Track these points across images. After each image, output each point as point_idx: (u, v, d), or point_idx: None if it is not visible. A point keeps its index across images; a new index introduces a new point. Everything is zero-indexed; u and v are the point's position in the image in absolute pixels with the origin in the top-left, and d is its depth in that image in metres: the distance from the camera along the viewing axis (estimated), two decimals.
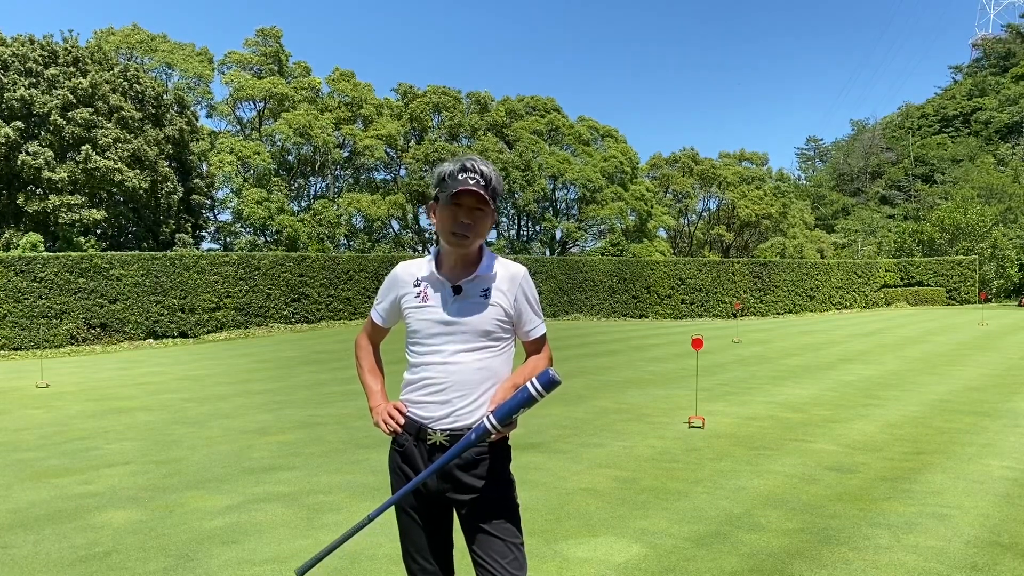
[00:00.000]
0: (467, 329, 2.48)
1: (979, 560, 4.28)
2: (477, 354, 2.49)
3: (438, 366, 2.49)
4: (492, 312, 2.49)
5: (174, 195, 29.84)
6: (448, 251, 2.52)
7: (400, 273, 2.63)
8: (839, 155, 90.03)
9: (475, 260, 2.54)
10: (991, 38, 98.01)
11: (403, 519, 2.59)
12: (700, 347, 8.73)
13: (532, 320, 2.58)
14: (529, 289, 2.57)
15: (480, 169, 2.43)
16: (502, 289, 2.51)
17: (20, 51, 26.60)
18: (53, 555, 4.53)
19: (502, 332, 2.52)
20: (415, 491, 2.51)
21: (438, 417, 2.48)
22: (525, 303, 2.55)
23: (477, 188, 2.40)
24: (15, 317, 19.87)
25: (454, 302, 2.49)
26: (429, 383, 2.50)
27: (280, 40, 43.53)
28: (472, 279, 2.49)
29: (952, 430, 7.97)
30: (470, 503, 2.49)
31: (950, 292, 37.21)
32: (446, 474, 2.48)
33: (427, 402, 2.51)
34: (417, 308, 2.54)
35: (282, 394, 11.25)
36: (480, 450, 2.49)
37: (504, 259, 2.59)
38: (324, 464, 6.71)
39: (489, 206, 2.46)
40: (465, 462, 2.48)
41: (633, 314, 31.82)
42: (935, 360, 14.71)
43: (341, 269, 27.05)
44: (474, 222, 2.45)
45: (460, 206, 2.43)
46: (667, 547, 4.53)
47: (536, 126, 46.18)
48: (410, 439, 2.53)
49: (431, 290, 2.53)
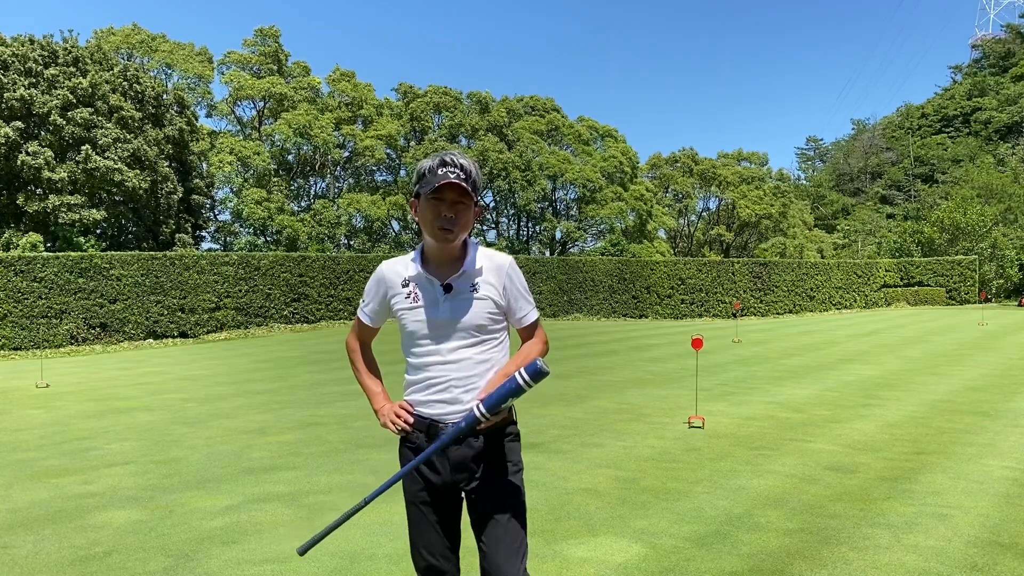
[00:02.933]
0: (462, 326, 2.49)
1: (979, 560, 4.28)
2: (475, 348, 2.51)
3: (439, 365, 2.51)
4: (483, 306, 2.51)
5: (174, 195, 29.84)
6: (433, 247, 2.53)
7: (386, 272, 2.62)
8: (839, 155, 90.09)
9: (460, 255, 2.55)
10: (991, 38, 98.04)
11: (413, 512, 2.59)
12: (700, 347, 8.73)
13: (523, 307, 2.60)
14: (517, 277, 2.58)
15: (459, 163, 2.45)
16: (490, 281, 2.53)
17: (20, 51, 26.60)
18: (53, 555, 4.53)
19: (495, 324, 2.55)
20: (426, 484, 2.53)
21: (447, 413, 2.50)
22: (514, 291, 2.57)
23: (458, 181, 2.42)
24: (15, 317, 19.87)
25: (446, 301, 2.50)
26: (432, 382, 2.52)
27: (279, 40, 43.53)
28: (460, 275, 2.51)
29: (952, 430, 7.97)
30: (481, 490, 2.51)
31: (950, 292, 37.21)
32: (460, 464, 2.51)
33: (433, 401, 2.53)
34: (409, 309, 2.54)
35: (282, 394, 11.25)
36: (495, 438, 2.53)
37: (488, 249, 2.61)
38: (324, 464, 6.71)
39: (471, 198, 2.48)
40: (477, 451, 2.50)
41: (633, 314, 31.82)
42: (935, 360, 14.71)
43: (341, 269, 27.06)
44: (457, 215, 2.46)
45: (442, 200, 2.45)
46: (667, 547, 4.53)
47: (536, 126, 46.18)
48: (421, 436, 2.54)
49: (421, 290, 2.54)
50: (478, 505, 2.53)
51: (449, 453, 2.49)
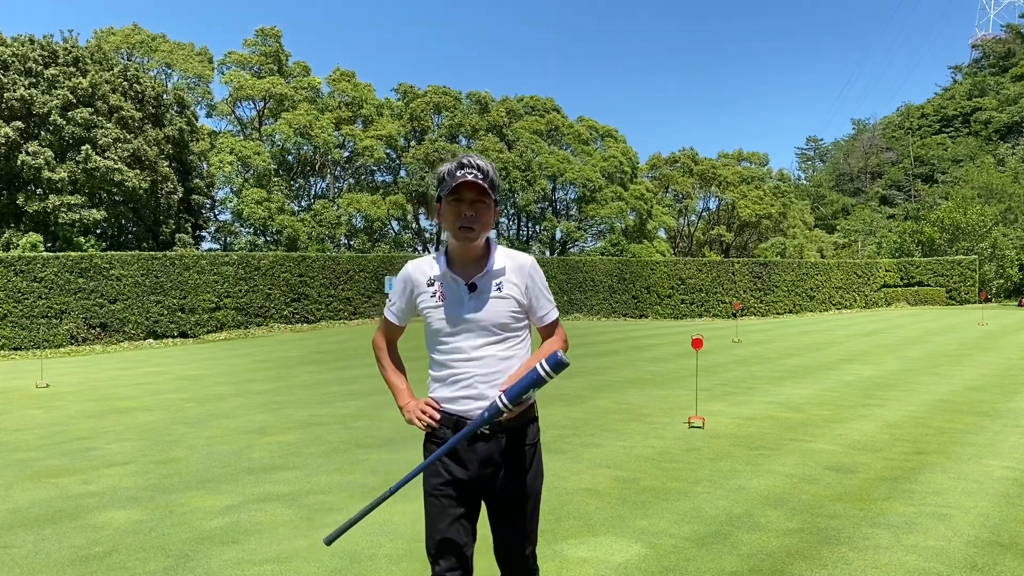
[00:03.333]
0: (486, 324, 2.59)
1: (979, 560, 4.28)
2: (498, 346, 2.61)
3: (463, 362, 2.61)
4: (506, 304, 2.61)
5: (174, 195, 29.83)
6: (457, 248, 2.63)
7: (412, 272, 2.71)
8: (839, 155, 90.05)
9: (484, 255, 2.65)
10: (991, 38, 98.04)
11: (433, 505, 2.65)
12: (700, 347, 8.73)
13: (544, 306, 2.70)
14: (538, 277, 2.68)
15: (477, 164, 2.56)
16: (513, 280, 2.63)
17: (20, 51, 26.59)
18: (53, 555, 4.53)
19: (517, 322, 2.65)
20: (452, 480, 2.62)
21: (473, 408, 2.59)
22: (536, 290, 2.67)
23: (476, 180, 2.53)
24: (15, 317, 19.87)
25: (470, 299, 2.60)
26: (456, 379, 2.62)
27: (280, 40, 43.51)
28: (484, 275, 2.61)
29: (952, 430, 7.97)
30: (503, 487, 2.62)
31: (950, 292, 37.20)
32: (487, 460, 2.60)
33: (459, 397, 2.62)
34: (435, 308, 2.64)
35: (282, 394, 11.25)
36: (520, 439, 2.64)
37: (509, 250, 2.70)
38: (324, 464, 6.71)
39: (490, 197, 2.58)
40: (503, 448, 2.61)
41: (633, 314, 31.82)
42: (935, 360, 14.71)
43: (341, 269, 27.05)
44: (477, 214, 2.56)
45: (462, 200, 2.56)
46: (667, 547, 4.53)
47: (536, 126, 46.16)
48: (448, 432, 2.62)
49: (446, 289, 2.63)
50: (498, 496, 2.63)
51: (477, 449, 2.59)
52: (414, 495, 5.64)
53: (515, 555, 2.68)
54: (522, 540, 2.66)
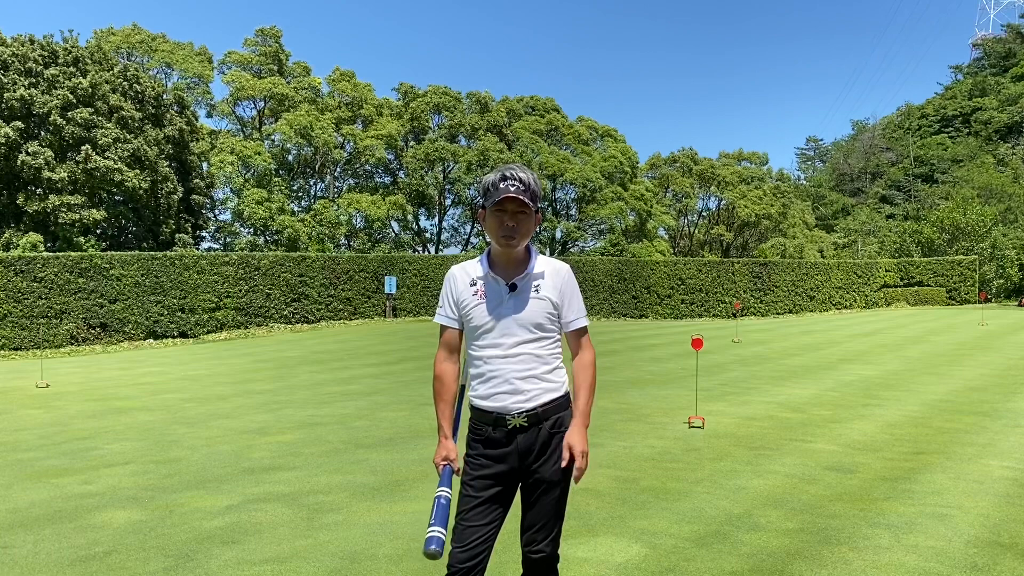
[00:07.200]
0: (523, 322, 2.77)
1: (979, 560, 4.28)
2: (532, 344, 2.78)
3: (499, 359, 2.77)
4: (543, 305, 2.79)
5: (174, 195, 29.83)
6: (499, 252, 2.83)
7: (456, 274, 2.90)
8: (839, 155, 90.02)
9: (524, 259, 2.84)
10: (991, 38, 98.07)
11: (466, 494, 2.76)
12: (700, 347, 8.73)
13: (574, 311, 2.89)
14: (573, 283, 2.89)
15: (519, 176, 2.75)
16: (550, 284, 2.82)
17: (20, 51, 26.60)
18: (53, 555, 4.52)
19: (551, 323, 2.83)
20: (493, 475, 2.76)
21: (511, 404, 2.75)
22: (570, 295, 2.86)
23: (518, 194, 2.71)
24: (15, 317, 19.87)
25: (510, 298, 2.78)
26: (493, 375, 2.78)
27: (280, 40, 43.51)
28: (524, 277, 2.80)
29: (952, 430, 7.96)
30: (539, 477, 2.77)
31: (950, 292, 37.19)
32: (527, 451, 2.76)
33: (497, 393, 2.77)
34: (476, 305, 2.81)
35: (282, 394, 11.25)
36: (556, 423, 2.79)
37: (548, 257, 2.92)
38: (324, 464, 6.71)
39: (530, 208, 2.76)
40: (544, 440, 2.77)
41: (633, 314, 31.82)
42: (935, 360, 14.71)
43: (341, 269, 27.05)
44: (518, 224, 2.76)
45: (504, 211, 2.75)
46: (667, 547, 4.53)
47: (536, 126, 46.15)
48: (488, 428, 2.79)
49: (487, 288, 2.82)
50: (534, 478, 2.78)
51: (518, 442, 2.74)
52: (414, 495, 5.65)
53: (542, 534, 2.80)
54: (552, 519, 2.80)
